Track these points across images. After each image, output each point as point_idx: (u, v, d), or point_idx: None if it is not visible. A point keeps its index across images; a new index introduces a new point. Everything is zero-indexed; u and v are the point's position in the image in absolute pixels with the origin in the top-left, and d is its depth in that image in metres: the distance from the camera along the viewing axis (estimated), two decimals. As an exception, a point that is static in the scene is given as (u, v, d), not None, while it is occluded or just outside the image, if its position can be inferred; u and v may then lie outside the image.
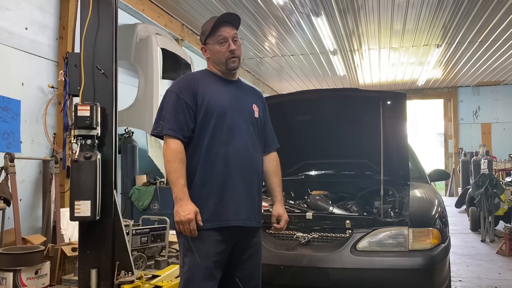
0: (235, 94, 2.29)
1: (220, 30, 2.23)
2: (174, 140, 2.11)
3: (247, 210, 2.19)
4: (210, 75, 2.30)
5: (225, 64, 2.25)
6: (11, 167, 4.17)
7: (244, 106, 2.28)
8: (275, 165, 2.46)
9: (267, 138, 2.43)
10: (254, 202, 2.25)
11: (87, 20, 2.90)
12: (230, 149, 2.16)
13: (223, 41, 2.22)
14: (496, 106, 14.79)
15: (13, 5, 4.62)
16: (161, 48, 6.31)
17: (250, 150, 2.22)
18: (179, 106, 2.16)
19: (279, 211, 2.42)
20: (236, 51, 2.23)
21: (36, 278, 3.53)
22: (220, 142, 2.15)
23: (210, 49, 2.28)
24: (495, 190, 6.56)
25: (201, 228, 2.09)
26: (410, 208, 3.09)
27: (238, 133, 2.20)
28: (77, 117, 2.77)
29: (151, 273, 3.55)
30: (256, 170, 2.26)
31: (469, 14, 7.86)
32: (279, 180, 2.48)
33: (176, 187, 2.06)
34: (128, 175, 6.53)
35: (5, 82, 4.51)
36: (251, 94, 2.42)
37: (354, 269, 2.79)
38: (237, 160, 2.16)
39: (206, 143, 2.15)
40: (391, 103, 3.28)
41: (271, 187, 2.45)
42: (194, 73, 2.40)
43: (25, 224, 4.54)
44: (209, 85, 2.23)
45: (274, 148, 2.48)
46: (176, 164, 2.08)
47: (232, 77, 2.34)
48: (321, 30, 8.45)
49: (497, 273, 4.83)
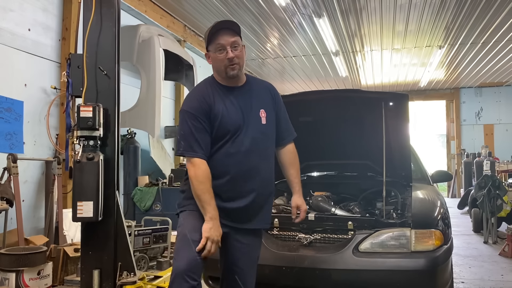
0: (242, 103, 2.29)
1: (218, 38, 2.21)
2: (200, 160, 2.16)
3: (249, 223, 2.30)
4: (216, 86, 2.30)
5: (225, 72, 2.24)
6: (14, 168, 4.18)
7: (252, 118, 2.29)
8: (292, 157, 2.49)
9: (281, 131, 2.44)
10: (262, 209, 2.33)
11: (90, 21, 2.91)
12: (237, 162, 2.22)
13: (221, 49, 2.21)
14: (499, 107, 14.76)
15: (16, 6, 4.64)
16: (163, 49, 6.33)
17: (256, 162, 2.27)
18: (197, 126, 2.19)
19: (298, 201, 2.48)
20: (235, 58, 2.21)
21: (39, 278, 3.54)
22: (228, 156, 2.22)
23: (211, 57, 2.29)
24: (497, 192, 6.54)
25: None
26: (413, 209, 3.08)
27: (246, 145, 2.24)
28: (79, 118, 2.78)
29: (153, 274, 3.56)
30: (264, 182, 2.31)
31: (471, 15, 7.84)
32: (297, 171, 2.51)
33: (210, 206, 2.12)
34: (131, 176, 6.55)
35: (8, 83, 4.53)
36: (259, 95, 2.39)
37: (356, 270, 2.78)
38: (244, 177, 2.23)
39: (215, 158, 2.22)
40: (393, 104, 3.27)
41: (288, 178, 2.50)
42: (203, 88, 2.32)
43: (27, 224, 4.55)
44: (218, 98, 2.25)
45: (290, 140, 2.49)
46: (208, 185, 2.14)
47: (237, 83, 2.33)
48: (323, 31, 8.45)
49: (500, 274, 4.82)
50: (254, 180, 2.26)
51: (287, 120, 2.50)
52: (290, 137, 2.50)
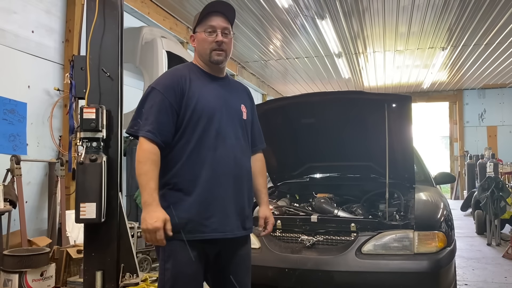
0: (223, 94, 2.11)
1: (210, 19, 2.05)
2: (149, 142, 1.94)
3: (236, 219, 2.04)
4: (196, 71, 2.10)
5: (209, 56, 2.05)
6: (17, 169, 4.19)
7: (233, 108, 2.12)
8: (260, 165, 2.31)
9: (254, 137, 2.27)
10: (244, 210, 2.10)
11: (93, 23, 2.92)
12: (218, 154, 2.00)
13: (210, 31, 2.04)
14: (502, 109, 14.71)
15: (19, 8, 4.66)
16: (166, 51, 6.33)
17: (238, 155, 2.07)
18: (163, 107, 1.97)
19: (266, 213, 2.28)
20: (223, 44, 2.05)
21: (42, 280, 3.55)
22: (207, 147, 1.99)
23: (197, 38, 2.10)
24: (501, 193, 6.51)
25: (181, 238, 1.91)
26: (416, 211, 3.08)
27: (227, 138, 2.03)
28: (82, 119, 2.79)
29: (155, 276, 3.55)
30: (245, 176, 2.11)
31: (474, 17, 7.83)
32: (265, 181, 2.35)
33: (145, 191, 1.87)
34: (133, 177, 6.54)
35: (12, 85, 4.54)
36: (239, 93, 2.24)
37: (359, 272, 2.78)
38: (225, 167, 2.01)
39: (191, 147, 1.98)
40: (396, 105, 3.27)
41: (256, 188, 2.28)
42: (181, 69, 2.12)
43: (30, 226, 4.56)
44: (197, 82, 2.05)
45: (260, 148, 2.33)
46: (148, 166, 1.90)
47: (219, 73, 2.15)
48: (326, 33, 8.45)
49: (504, 276, 4.80)
50: (238, 176, 2.07)
51: (259, 128, 2.34)
52: (261, 145, 2.33)
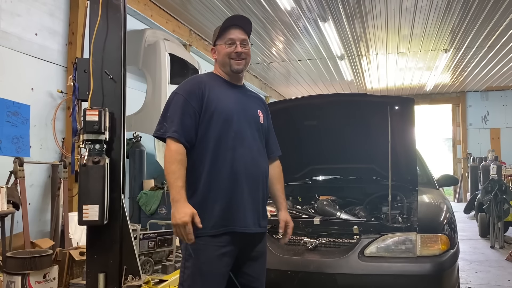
0: (241, 98, 2.30)
1: (229, 32, 2.26)
2: (175, 143, 2.11)
3: (253, 215, 2.18)
4: (216, 79, 2.31)
5: (230, 65, 2.26)
6: (20, 171, 4.21)
7: (250, 112, 2.29)
8: (278, 172, 2.47)
9: (270, 145, 2.43)
10: (259, 208, 2.23)
11: (96, 26, 2.93)
12: (237, 154, 2.15)
13: (230, 43, 2.25)
14: (505, 111, 14.67)
15: (23, 11, 4.68)
16: (169, 53, 6.35)
17: (255, 155, 2.22)
18: (186, 110, 2.15)
19: (286, 217, 2.41)
20: (243, 54, 2.25)
21: (44, 282, 3.55)
22: (226, 147, 2.14)
23: (218, 50, 2.30)
24: (504, 196, 6.50)
25: (205, 234, 2.06)
26: (418, 213, 3.07)
27: (245, 139, 2.19)
28: (85, 122, 2.79)
29: (158, 278, 3.55)
30: (261, 176, 2.25)
31: (477, 19, 7.82)
32: (282, 186, 2.49)
33: (173, 189, 2.03)
34: (136, 179, 6.56)
35: (15, 87, 4.56)
36: (256, 100, 2.42)
37: (361, 275, 2.77)
38: (244, 165, 2.16)
39: (212, 147, 2.14)
40: (399, 108, 3.27)
41: (275, 194, 2.45)
42: (201, 76, 2.39)
43: (33, 228, 4.57)
44: (216, 88, 2.24)
45: (277, 155, 2.49)
46: (175, 166, 2.06)
47: (238, 81, 2.35)
48: (329, 35, 8.45)
49: (507, 279, 4.78)
50: (255, 175, 2.21)
51: (275, 136, 2.50)
52: (278, 152, 2.49)
